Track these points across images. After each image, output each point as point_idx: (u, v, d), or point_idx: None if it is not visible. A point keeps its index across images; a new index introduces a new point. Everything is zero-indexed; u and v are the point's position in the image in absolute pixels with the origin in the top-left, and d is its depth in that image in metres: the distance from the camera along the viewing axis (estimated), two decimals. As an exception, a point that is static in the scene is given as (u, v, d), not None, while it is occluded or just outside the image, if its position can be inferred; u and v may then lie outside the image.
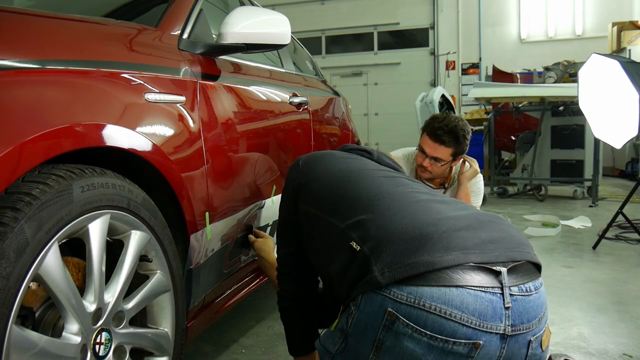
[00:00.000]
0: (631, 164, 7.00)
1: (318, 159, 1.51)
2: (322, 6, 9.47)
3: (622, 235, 3.57)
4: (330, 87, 3.12)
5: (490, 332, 1.02)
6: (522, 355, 1.08)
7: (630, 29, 6.90)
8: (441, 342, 1.00)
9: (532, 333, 1.08)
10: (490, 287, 1.03)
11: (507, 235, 1.15)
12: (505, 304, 1.03)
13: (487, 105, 5.85)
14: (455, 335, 1.00)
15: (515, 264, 1.08)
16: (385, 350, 1.04)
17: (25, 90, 0.92)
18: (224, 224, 1.54)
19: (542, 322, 1.11)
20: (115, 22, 1.35)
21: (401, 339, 1.02)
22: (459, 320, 1.00)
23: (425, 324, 1.00)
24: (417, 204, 1.20)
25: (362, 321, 1.06)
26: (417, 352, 1.01)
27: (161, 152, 1.22)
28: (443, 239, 1.07)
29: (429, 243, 1.06)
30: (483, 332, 1.01)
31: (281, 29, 1.67)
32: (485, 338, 1.01)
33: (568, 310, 2.20)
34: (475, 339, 1.01)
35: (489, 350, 1.03)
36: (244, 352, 1.86)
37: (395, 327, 1.02)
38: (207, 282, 1.51)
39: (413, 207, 1.18)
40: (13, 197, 0.88)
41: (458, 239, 1.08)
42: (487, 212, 1.27)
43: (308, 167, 1.47)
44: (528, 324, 1.07)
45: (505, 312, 1.03)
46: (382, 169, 1.44)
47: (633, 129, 3.01)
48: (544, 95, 5.23)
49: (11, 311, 0.84)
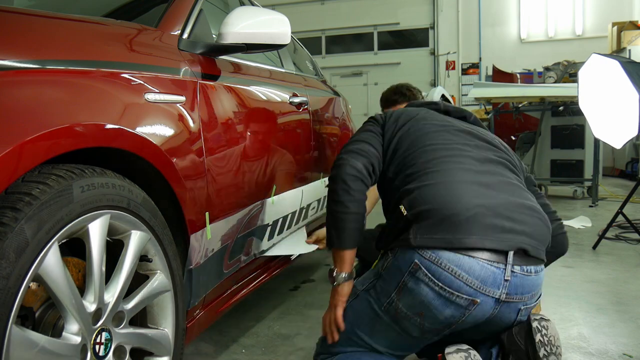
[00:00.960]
0: (631, 164, 7.00)
1: (406, 117, 1.67)
2: (322, 6, 9.47)
3: (622, 235, 3.57)
4: (330, 87, 3.12)
5: (487, 295, 1.29)
6: (512, 318, 1.37)
7: (630, 29, 6.90)
8: (448, 294, 1.28)
9: (524, 304, 1.36)
10: (496, 262, 1.30)
11: (529, 229, 1.36)
12: (505, 277, 1.30)
13: (487, 105, 5.85)
14: (459, 290, 1.28)
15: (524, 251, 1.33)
16: (405, 290, 1.32)
17: (25, 90, 0.92)
18: (224, 224, 1.54)
19: (535, 297, 1.39)
20: (115, 22, 1.35)
21: (419, 284, 1.30)
22: (464, 281, 1.28)
23: (440, 278, 1.28)
24: (460, 185, 1.40)
25: (394, 266, 1.36)
26: (429, 296, 1.29)
27: (161, 152, 1.22)
28: (469, 222, 1.31)
29: (456, 225, 1.31)
30: (482, 293, 1.29)
31: (281, 29, 1.67)
32: (482, 298, 1.29)
33: (568, 310, 2.19)
34: (475, 297, 1.29)
35: (484, 307, 1.31)
36: (244, 352, 1.86)
37: (417, 274, 1.30)
38: (207, 282, 1.51)
39: (455, 187, 1.39)
40: (13, 197, 0.88)
41: (481, 226, 1.31)
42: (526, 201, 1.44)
43: (396, 122, 1.66)
44: (521, 296, 1.34)
45: (504, 283, 1.30)
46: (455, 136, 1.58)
47: (633, 129, 3.01)
48: (544, 95, 5.23)
49: (11, 311, 0.84)
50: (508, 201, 1.39)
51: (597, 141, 4.92)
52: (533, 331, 1.35)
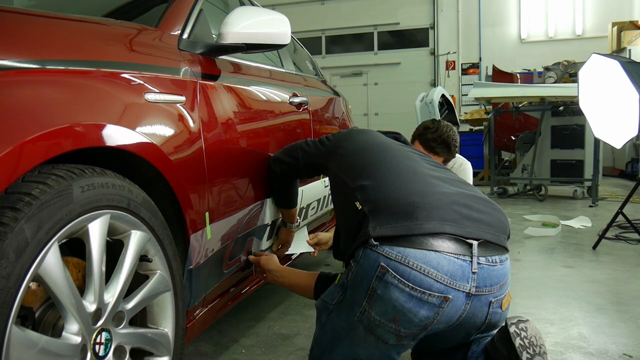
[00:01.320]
0: (631, 164, 7.00)
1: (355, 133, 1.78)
2: (322, 6, 9.47)
3: (622, 235, 3.57)
4: (330, 87, 3.12)
5: (458, 290, 1.28)
6: (484, 313, 1.35)
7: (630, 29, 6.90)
8: (419, 293, 1.26)
9: (494, 296, 1.35)
10: (462, 255, 1.29)
11: (487, 218, 1.38)
12: (472, 270, 1.29)
13: (487, 105, 5.85)
14: (431, 288, 1.26)
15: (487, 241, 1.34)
16: (376, 297, 1.29)
17: (25, 90, 0.92)
18: (223, 224, 1.54)
19: (504, 288, 1.38)
20: (115, 22, 1.35)
21: (389, 288, 1.27)
22: (434, 277, 1.26)
23: (409, 278, 1.26)
24: (414, 176, 1.44)
25: (359, 274, 1.33)
26: (401, 299, 1.26)
27: (161, 152, 1.22)
28: (426, 209, 1.32)
29: (414, 211, 1.32)
30: (452, 289, 1.27)
31: (281, 29, 1.67)
32: (453, 294, 1.28)
33: (568, 310, 2.20)
34: (446, 293, 1.27)
35: (456, 304, 1.29)
36: (244, 352, 1.86)
37: (385, 278, 1.27)
38: (207, 282, 1.51)
39: (410, 179, 1.43)
40: (13, 197, 0.88)
41: (439, 211, 1.32)
42: (480, 194, 1.48)
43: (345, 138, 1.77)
44: (490, 287, 1.33)
45: (472, 276, 1.29)
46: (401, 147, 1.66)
47: (633, 129, 3.01)
48: (544, 95, 5.23)
49: (11, 311, 0.84)
50: (463, 193, 1.43)
51: (597, 141, 4.92)
52: (512, 336, 1.33)
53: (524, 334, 1.34)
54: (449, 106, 5.37)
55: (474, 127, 7.56)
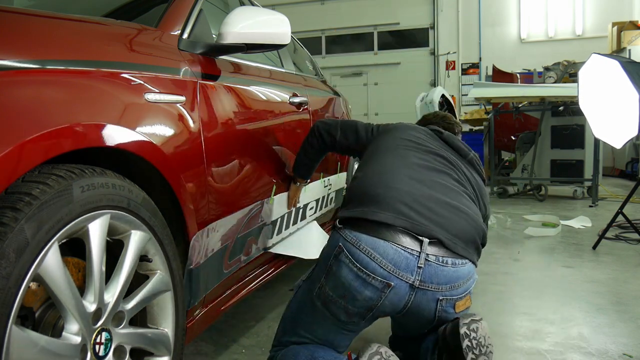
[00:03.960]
0: (631, 164, 7.00)
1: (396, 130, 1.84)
2: (322, 6, 9.47)
3: (622, 235, 3.56)
4: (330, 87, 3.12)
5: (400, 279, 1.38)
6: (432, 309, 1.44)
7: (630, 29, 6.90)
8: (364, 275, 1.38)
9: (442, 294, 1.43)
10: (410, 249, 1.40)
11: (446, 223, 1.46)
12: (418, 264, 1.39)
13: (487, 105, 5.85)
14: (374, 272, 1.38)
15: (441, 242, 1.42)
16: (331, 274, 1.43)
17: (25, 90, 0.92)
18: (223, 223, 1.54)
19: (456, 290, 1.45)
20: (115, 22, 1.35)
21: (341, 266, 1.41)
22: (379, 263, 1.38)
23: (357, 259, 1.39)
24: (393, 172, 1.56)
25: (325, 252, 1.49)
26: (349, 277, 1.40)
27: (161, 152, 1.22)
28: (386, 201, 1.46)
29: (375, 200, 1.47)
30: (395, 277, 1.38)
31: (281, 29, 1.67)
32: (396, 282, 1.38)
33: (568, 310, 2.19)
34: (389, 280, 1.38)
35: (399, 292, 1.39)
36: (244, 352, 1.86)
37: (340, 257, 1.42)
38: (207, 282, 1.51)
39: (385, 176, 1.56)
40: (13, 197, 0.88)
41: (399, 205, 1.45)
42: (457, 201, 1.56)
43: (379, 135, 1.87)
44: (437, 285, 1.41)
45: (417, 270, 1.39)
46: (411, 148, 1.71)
47: (633, 129, 3.01)
48: (544, 95, 5.23)
49: (11, 311, 0.84)
50: (433, 196, 1.51)
51: (597, 141, 4.92)
52: (461, 337, 1.39)
53: (474, 334, 1.41)
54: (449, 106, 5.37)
55: (474, 127, 7.56)
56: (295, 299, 1.58)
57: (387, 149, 1.71)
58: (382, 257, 1.38)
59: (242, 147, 1.68)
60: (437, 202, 1.50)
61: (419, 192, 1.51)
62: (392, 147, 1.71)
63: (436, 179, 1.60)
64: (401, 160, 1.63)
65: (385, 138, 1.80)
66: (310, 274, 1.56)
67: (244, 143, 1.69)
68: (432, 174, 1.62)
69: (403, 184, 1.52)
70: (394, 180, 1.53)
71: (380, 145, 1.77)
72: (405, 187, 1.51)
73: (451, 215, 1.49)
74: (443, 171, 1.64)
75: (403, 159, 1.64)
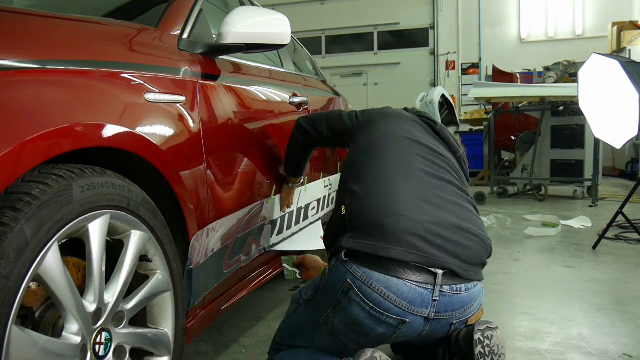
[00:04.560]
0: (631, 164, 7.00)
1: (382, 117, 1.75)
2: (322, 6, 9.47)
3: (622, 235, 3.56)
4: (330, 87, 3.12)
5: (415, 315, 1.34)
6: (445, 331, 1.42)
7: (630, 29, 6.90)
8: (378, 314, 1.32)
9: (455, 318, 1.40)
10: (424, 283, 1.33)
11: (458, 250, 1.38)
12: (433, 298, 1.34)
13: (487, 105, 5.85)
14: (389, 311, 1.32)
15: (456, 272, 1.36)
16: (340, 309, 1.36)
17: (25, 90, 0.92)
18: (223, 223, 1.54)
19: (468, 311, 1.42)
20: (115, 22, 1.35)
21: (352, 304, 1.34)
22: (393, 302, 1.31)
23: (370, 299, 1.32)
24: (400, 191, 1.44)
25: (329, 283, 1.40)
26: (361, 316, 1.34)
27: (161, 152, 1.22)
28: (397, 234, 1.34)
29: (385, 234, 1.35)
30: (410, 313, 1.33)
31: (281, 29, 1.67)
32: (411, 318, 1.34)
33: (568, 310, 2.19)
34: (404, 317, 1.33)
35: (414, 326, 1.36)
36: (244, 352, 1.86)
37: (350, 294, 1.34)
38: (207, 282, 1.51)
39: (392, 198, 1.43)
40: (13, 197, 0.88)
41: (410, 237, 1.34)
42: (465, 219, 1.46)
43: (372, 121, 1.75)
44: (452, 312, 1.38)
45: (433, 303, 1.34)
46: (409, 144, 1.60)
47: (633, 129, 3.01)
48: (544, 95, 5.23)
49: (11, 311, 0.84)
50: (444, 220, 1.41)
51: (597, 141, 4.92)
52: (474, 343, 1.37)
53: (487, 342, 1.39)
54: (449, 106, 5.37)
55: (474, 127, 7.56)
56: (296, 316, 1.52)
57: (384, 149, 1.59)
58: (396, 295, 1.31)
59: (242, 147, 1.67)
60: (448, 228, 1.41)
61: (428, 217, 1.40)
62: (389, 147, 1.59)
63: (442, 193, 1.50)
64: (404, 171, 1.51)
65: (376, 131, 1.67)
66: (312, 297, 1.47)
67: (244, 143, 1.69)
68: (437, 185, 1.51)
69: (412, 210, 1.40)
70: (403, 206, 1.40)
71: (373, 140, 1.64)
72: (415, 214, 1.39)
73: (463, 240, 1.41)
74: (446, 179, 1.56)
75: (405, 168, 1.52)
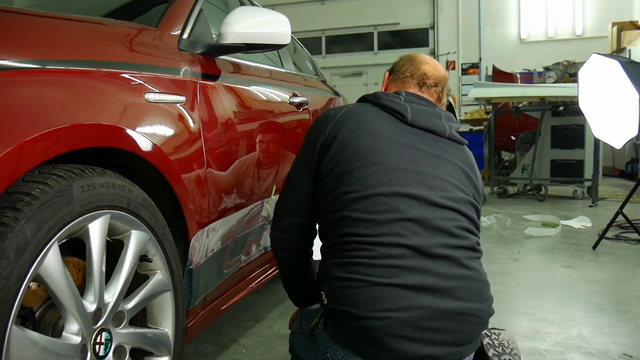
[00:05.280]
0: (631, 164, 7.00)
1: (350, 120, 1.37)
2: (322, 6, 9.47)
3: (622, 235, 3.57)
4: (330, 87, 3.12)
5: None
6: None
7: (630, 29, 6.89)
8: None
9: None
10: None
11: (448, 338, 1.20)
12: None
13: (487, 105, 5.85)
14: None
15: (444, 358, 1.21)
16: None
17: (25, 90, 0.92)
18: (223, 223, 1.54)
19: None
20: (115, 22, 1.35)
21: None
22: None
23: None
24: (382, 287, 1.19)
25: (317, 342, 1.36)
26: None
27: (161, 152, 1.22)
28: (377, 335, 1.18)
29: (365, 332, 1.19)
30: None
31: (281, 29, 1.67)
32: None
33: (568, 310, 2.20)
34: None
35: None
36: (244, 352, 1.86)
37: None
38: (207, 282, 1.51)
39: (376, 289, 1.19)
40: (13, 197, 0.88)
41: (390, 341, 1.17)
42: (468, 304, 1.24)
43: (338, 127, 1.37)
44: None
45: None
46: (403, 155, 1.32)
47: (633, 129, 3.01)
48: (544, 95, 5.23)
49: (11, 311, 0.84)
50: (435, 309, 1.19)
51: (597, 141, 4.92)
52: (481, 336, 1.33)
53: (495, 336, 1.37)
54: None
55: (474, 127, 7.55)
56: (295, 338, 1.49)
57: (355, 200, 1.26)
58: None
59: (242, 147, 1.67)
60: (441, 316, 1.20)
61: (416, 313, 1.18)
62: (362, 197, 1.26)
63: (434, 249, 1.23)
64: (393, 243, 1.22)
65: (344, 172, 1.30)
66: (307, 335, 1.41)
67: (244, 143, 1.69)
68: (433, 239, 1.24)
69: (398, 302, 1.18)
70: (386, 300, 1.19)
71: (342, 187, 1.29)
72: (399, 313, 1.17)
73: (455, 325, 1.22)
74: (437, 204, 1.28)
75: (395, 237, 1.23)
